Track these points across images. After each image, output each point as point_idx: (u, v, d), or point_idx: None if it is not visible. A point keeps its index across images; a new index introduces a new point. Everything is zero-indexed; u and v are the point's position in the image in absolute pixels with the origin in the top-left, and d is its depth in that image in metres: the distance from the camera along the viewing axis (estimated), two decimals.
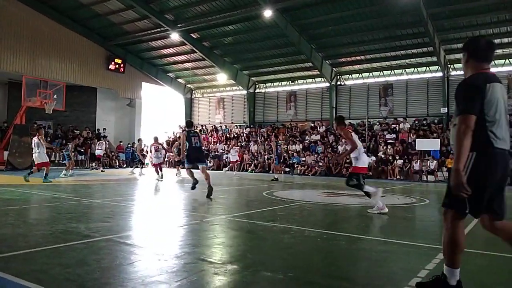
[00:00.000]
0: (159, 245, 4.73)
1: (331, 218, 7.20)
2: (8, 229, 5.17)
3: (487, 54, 3.07)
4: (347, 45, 21.31)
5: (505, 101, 2.97)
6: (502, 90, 2.98)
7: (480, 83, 2.88)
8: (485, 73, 2.98)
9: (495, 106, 2.87)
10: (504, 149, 2.89)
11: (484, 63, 3.04)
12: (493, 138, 2.86)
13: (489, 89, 2.86)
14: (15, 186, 11.03)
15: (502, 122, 2.89)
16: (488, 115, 2.85)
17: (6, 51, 20.53)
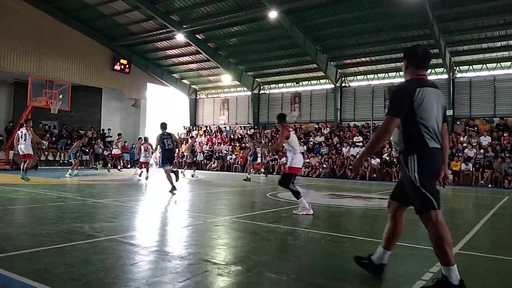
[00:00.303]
0: (163, 246, 4.74)
1: (335, 220, 7.18)
2: (13, 228, 5.20)
3: (424, 61, 3.35)
4: (352, 47, 21.27)
5: (438, 104, 3.22)
6: (436, 94, 3.23)
7: (411, 87, 3.15)
8: (420, 79, 3.25)
9: (427, 109, 3.12)
10: (437, 147, 3.17)
11: (421, 70, 3.31)
12: (428, 138, 3.12)
13: (419, 92, 3.11)
14: (20, 186, 11.09)
15: (433, 124, 3.15)
16: (421, 117, 3.10)
17: (12, 52, 20.67)
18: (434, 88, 3.27)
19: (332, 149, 21.86)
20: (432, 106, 3.16)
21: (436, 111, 3.19)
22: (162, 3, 20.40)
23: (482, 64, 20.29)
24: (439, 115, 3.23)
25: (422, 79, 3.26)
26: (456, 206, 10.87)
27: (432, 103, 3.16)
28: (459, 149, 18.82)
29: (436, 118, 3.19)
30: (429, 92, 3.17)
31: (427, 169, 3.11)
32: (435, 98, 3.22)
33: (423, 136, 3.12)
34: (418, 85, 3.17)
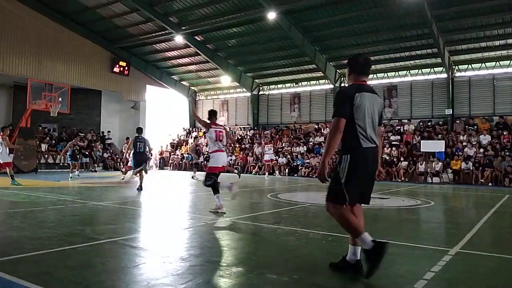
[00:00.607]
0: (164, 248, 4.74)
1: (335, 220, 7.16)
2: (14, 232, 5.19)
3: (365, 69, 3.69)
4: (351, 47, 21.28)
5: (375, 108, 3.56)
6: (373, 98, 3.56)
7: (351, 92, 3.49)
8: (359, 84, 3.59)
9: (363, 112, 3.44)
10: (371, 147, 3.49)
11: (362, 76, 3.65)
12: (362, 139, 3.45)
13: (357, 97, 3.44)
14: (20, 189, 11.08)
15: (368, 125, 3.47)
16: (357, 119, 3.43)
17: (12, 55, 20.67)
18: (372, 94, 3.60)
19: None
20: (368, 110, 3.49)
21: (372, 115, 3.53)
22: (160, 5, 20.41)
23: (481, 63, 20.31)
24: (375, 118, 3.57)
25: (361, 85, 3.59)
26: (457, 205, 10.88)
27: (368, 107, 3.49)
28: (459, 148, 18.83)
29: (372, 120, 3.52)
30: (366, 97, 3.50)
31: (358, 169, 3.42)
32: (372, 102, 3.55)
33: (358, 136, 3.44)
34: (357, 90, 3.50)
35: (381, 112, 3.68)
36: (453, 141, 19.51)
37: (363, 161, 3.46)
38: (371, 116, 3.52)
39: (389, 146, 20.23)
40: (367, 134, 3.47)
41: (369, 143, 3.48)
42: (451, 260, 4.22)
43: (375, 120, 3.56)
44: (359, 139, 3.44)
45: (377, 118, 3.59)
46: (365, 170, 3.50)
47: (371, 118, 3.51)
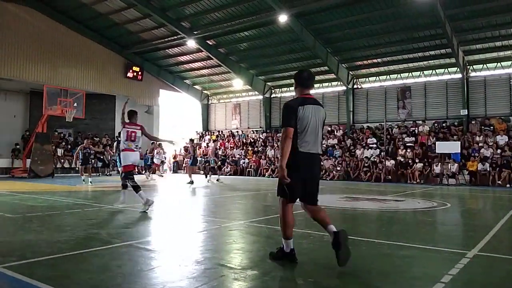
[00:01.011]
0: (179, 251, 4.76)
1: (350, 223, 7.12)
2: (32, 235, 5.28)
3: (308, 83, 4.14)
4: (363, 48, 21.16)
5: (317, 118, 4.00)
6: (315, 109, 4.01)
7: (295, 105, 3.92)
8: (303, 98, 4.03)
9: (306, 122, 3.89)
10: (309, 153, 3.94)
11: (306, 89, 4.11)
12: (300, 144, 3.89)
13: (300, 110, 3.89)
14: (37, 193, 11.27)
15: (310, 133, 3.93)
16: (299, 128, 3.88)
17: (28, 62, 21.09)
18: (315, 105, 4.03)
19: (346, 151, 21.72)
20: (311, 121, 3.94)
21: (315, 124, 3.98)
22: (172, 10, 20.61)
23: (496, 62, 19.98)
24: (319, 127, 4.04)
25: (305, 98, 4.04)
26: (474, 207, 10.70)
27: (311, 118, 3.95)
28: (475, 149, 18.52)
29: (315, 130, 3.99)
30: (309, 109, 3.96)
31: (296, 170, 3.89)
32: (315, 113, 3.99)
33: (296, 142, 3.90)
34: (300, 104, 3.95)
35: (324, 121, 4.17)
36: (469, 142, 19.20)
37: (303, 164, 3.93)
38: (314, 125, 3.98)
39: (404, 148, 20.00)
40: (309, 142, 3.94)
41: (309, 149, 3.95)
42: (469, 263, 4.14)
43: (318, 129, 4.02)
44: (297, 145, 3.91)
45: (320, 127, 4.06)
46: (306, 173, 3.96)
47: (314, 128, 3.97)
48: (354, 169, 20.45)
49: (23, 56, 20.88)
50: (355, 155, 21.13)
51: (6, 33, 20.22)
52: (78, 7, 21.55)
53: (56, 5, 21.66)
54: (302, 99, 4.01)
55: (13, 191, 11.90)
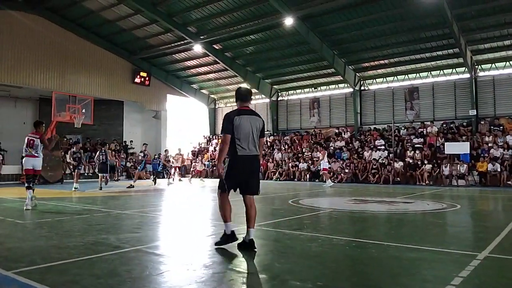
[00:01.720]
0: (187, 255, 4.77)
1: (359, 226, 7.08)
2: (42, 241, 5.33)
3: (245, 97, 4.96)
4: (370, 50, 21.10)
5: (253, 126, 4.78)
6: (251, 119, 4.81)
7: (232, 116, 4.73)
8: (240, 109, 4.88)
9: (241, 130, 4.69)
10: (246, 155, 4.74)
11: (244, 103, 4.94)
12: (238, 148, 4.72)
13: (236, 119, 4.70)
14: (47, 199, 11.38)
15: (245, 139, 4.73)
16: (236, 135, 4.69)
17: (37, 69, 21.35)
18: (251, 115, 4.84)
19: (354, 153, 21.62)
20: (246, 128, 4.73)
21: (250, 131, 4.75)
22: (179, 15, 20.74)
23: (505, 61, 19.81)
24: (254, 133, 4.80)
25: (242, 109, 4.88)
26: (484, 208, 10.58)
27: (246, 126, 4.73)
28: (485, 149, 18.34)
29: (250, 136, 4.75)
30: (245, 119, 4.75)
31: (234, 169, 4.77)
32: (251, 122, 4.78)
33: (235, 146, 4.72)
34: (237, 114, 4.76)
35: (261, 128, 4.92)
36: (478, 143, 19.02)
37: (242, 165, 4.78)
38: (249, 132, 4.76)
39: (412, 149, 19.86)
40: (243, 146, 4.74)
41: (245, 152, 4.75)
42: (480, 265, 4.10)
43: (253, 135, 4.80)
44: (236, 149, 4.72)
45: (256, 134, 4.82)
46: (240, 170, 4.80)
47: (249, 134, 4.75)
48: (362, 171, 20.34)
49: (32, 64, 21.14)
50: (363, 157, 21.03)
51: (15, 41, 20.50)
52: (86, 15, 21.78)
53: (64, 13, 21.92)
54: (239, 111, 4.86)
55: (23, 197, 11.99)
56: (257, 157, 4.90)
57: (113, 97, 25.04)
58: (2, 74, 20.18)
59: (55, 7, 21.46)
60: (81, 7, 21.13)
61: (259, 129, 4.89)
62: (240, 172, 4.81)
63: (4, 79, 20.35)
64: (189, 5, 19.74)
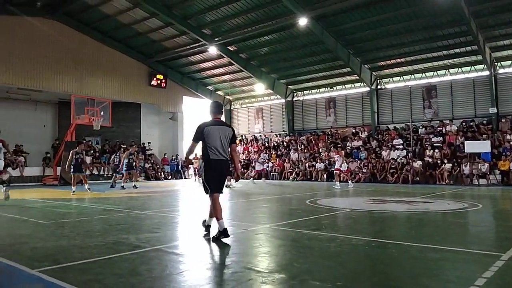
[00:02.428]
0: (206, 255, 4.80)
1: (378, 226, 7.00)
2: (64, 241, 5.43)
3: (216, 110, 5.78)
4: (385, 48, 20.86)
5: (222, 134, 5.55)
6: (221, 129, 5.59)
7: (203, 126, 5.55)
8: (212, 120, 5.71)
9: (212, 137, 5.48)
10: (217, 159, 5.49)
11: (216, 114, 5.75)
12: (210, 153, 5.49)
13: (207, 129, 5.51)
14: (68, 200, 11.58)
15: (216, 146, 5.48)
16: (208, 142, 5.48)
17: (56, 73, 21.77)
18: (220, 126, 5.63)
19: (371, 153, 21.40)
20: (217, 136, 5.50)
21: (220, 139, 5.52)
22: (194, 18, 20.89)
23: None
24: (224, 140, 5.55)
25: (214, 120, 5.70)
26: (507, 207, 10.35)
27: (217, 135, 5.51)
28: (507, 147, 17.92)
29: (220, 142, 5.51)
30: (215, 129, 5.54)
31: (209, 171, 5.55)
32: (220, 131, 5.55)
33: (208, 152, 5.50)
34: (208, 125, 5.57)
35: (231, 135, 5.65)
36: (500, 141, 18.61)
37: (214, 167, 5.53)
38: (220, 139, 5.52)
39: (431, 148, 19.54)
40: (215, 151, 5.48)
41: (216, 156, 5.49)
42: (504, 265, 4.01)
43: (223, 142, 5.54)
44: (209, 154, 5.49)
45: (226, 140, 5.58)
46: (214, 172, 5.55)
47: (219, 141, 5.51)
48: (380, 171, 20.11)
49: (51, 68, 21.57)
50: (381, 156, 20.79)
51: (34, 46, 20.95)
52: (102, 19, 22.13)
53: (81, 18, 22.31)
54: (210, 121, 5.67)
55: (45, 198, 12.27)
56: (226, 161, 5.64)
57: (130, 99, 25.37)
58: (22, 78, 20.64)
59: (72, 12, 21.87)
60: (97, 11, 21.48)
61: (229, 137, 5.64)
62: (214, 173, 5.57)
63: (24, 83, 20.82)
64: (203, 8, 19.86)
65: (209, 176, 5.56)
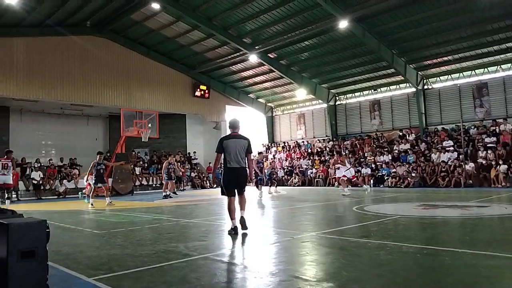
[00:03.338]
0: (253, 263, 4.83)
1: (430, 232, 6.74)
2: (117, 250, 5.67)
3: (234, 125, 6.93)
4: (431, 47, 20.13)
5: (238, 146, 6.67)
6: (237, 141, 6.70)
7: (223, 140, 6.74)
8: (229, 134, 6.86)
9: (229, 149, 6.61)
10: (233, 167, 6.63)
11: (233, 129, 6.89)
12: (228, 162, 6.63)
13: (225, 142, 6.66)
14: (119, 210, 12.07)
15: (232, 156, 6.61)
16: (227, 153, 6.63)
17: (105, 89, 22.89)
18: (237, 139, 6.75)
19: (420, 156, 20.63)
20: (233, 148, 6.63)
21: (236, 150, 6.63)
22: (234, 27, 21.25)
23: None
24: (241, 151, 6.67)
25: (231, 134, 6.86)
26: None
27: (233, 146, 6.64)
28: None
29: (237, 153, 6.63)
30: (231, 141, 6.69)
31: (227, 177, 6.72)
32: (236, 143, 6.68)
33: (226, 161, 6.67)
34: (226, 138, 6.78)
35: (246, 147, 6.76)
36: None
37: (231, 174, 6.70)
38: (235, 150, 6.63)
39: (484, 149, 18.54)
40: (232, 160, 6.62)
41: (232, 164, 6.64)
42: None
43: (240, 152, 6.66)
44: (226, 162, 6.67)
45: (242, 151, 6.69)
46: (231, 178, 6.72)
47: (235, 152, 6.62)
48: (430, 174, 19.33)
49: (101, 83, 22.71)
50: (431, 159, 19.99)
51: (86, 63, 22.18)
52: (147, 34, 23.04)
53: (127, 34, 23.33)
54: (228, 135, 6.84)
55: (97, 208, 12.86)
56: (242, 168, 6.71)
57: (176, 110, 26.15)
58: (75, 94, 21.86)
59: (119, 29, 22.92)
60: (142, 27, 22.40)
61: (244, 148, 6.71)
62: (230, 179, 6.69)
63: (77, 98, 22.04)
64: (243, 17, 20.17)
65: (226, 182, 6.67)
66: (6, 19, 18.79)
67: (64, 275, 4.27)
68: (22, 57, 20.13)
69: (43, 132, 24.08)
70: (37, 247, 3.33)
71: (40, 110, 23.63)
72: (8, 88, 19.68)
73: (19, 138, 22.73)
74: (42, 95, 20.72)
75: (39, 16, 19.21)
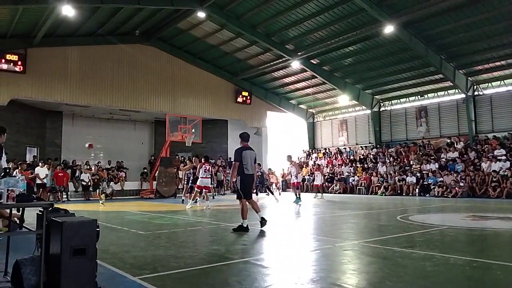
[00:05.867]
0: (293, 269, 4.81)
1: (480, 245, 6.42)
2: (161, 251, 5.83)
3: (246, 138, 8.20)
4: (482, 51, 19.22)
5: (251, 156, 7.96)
6: (250, 152, 7.97)
7: (240, 151, 7.88)
8: (244, 147, 8.03)
9: (246, 159, 7.84)
10: (250, 174, 7.91)
11: (246, 142, 8.14)
12: (245, 169, 7.81)
13: (243, 153, 7.85)
14: (163, 212, 12.41)
15: (248, 165, 7.85)
16: (244, 162, 7.81)
17: (152, 95, 23.68)
18: (249, 150, 7.97)
19: (469, 165, 19.70)
20: (248, 158, 7.86)
21: (250, 159, 7.87)
22: (277, 34, 21.35)
23: None
24: (252, 161, 7.93)
25: (245, 146, 8.02)
26: None
27: (249, 157, 7.87)
28: None
29: (250, 162, 7.87)
30: (247, 152, 7.89)
31: (243, 183, 7.79)
32: (250, 154, 7.93)
33: (243, 169, 7.78)
34: (243, 149, 7.92)
35: (255, 157, 8.03)
36: None
37: (246, 179, 7.82)
38: (249, 160, 7.86)
39: None
40: (248, 168, 7.81)
41: (248, 172, 7.82)
42: None
43: (252, 162, 7.94)
44: (243, 170, 7.77)
45: (252, 161, 7.92)
46: (246, 183, 7.83)
47: (249, 162, 7.85)
48: (480, 184, 18.39)
49: (147, 90, 23.52)
50: (481, 168, 19.03)
51: (133, 70, 23.07)
52: (192, 42, 23.61)
53: (173, 42, 24.04)
54: (243, 147, 7.98)
55: (142, 210, 13.29)
56: (253, 175, 8.16)
57: (218, 116, 26.59)
58: (123, 100, 22.77)
59: (165, 37, 23.66)
60: (187, 35, 22.99)
61: (254, 158, 8.01)
62: (247, 184, 7.83)
63: (125, 104, 22.94)
64: (286, 24, 20.22)
65: (243, 186, 7.74)
66: (62, 30, 19.94)
67: (111, 273, 4.45)
68: (75, 65, 21.26)
69: (93, 136, 25.21)
70: (88, 245, 3.50)
71: (90, 115, 24.80)
72: (62, 94, 20.84)
73: (70, 142, 23.97)
74: (93, 100, 21.75)
75: (91, 26, 20.23)
